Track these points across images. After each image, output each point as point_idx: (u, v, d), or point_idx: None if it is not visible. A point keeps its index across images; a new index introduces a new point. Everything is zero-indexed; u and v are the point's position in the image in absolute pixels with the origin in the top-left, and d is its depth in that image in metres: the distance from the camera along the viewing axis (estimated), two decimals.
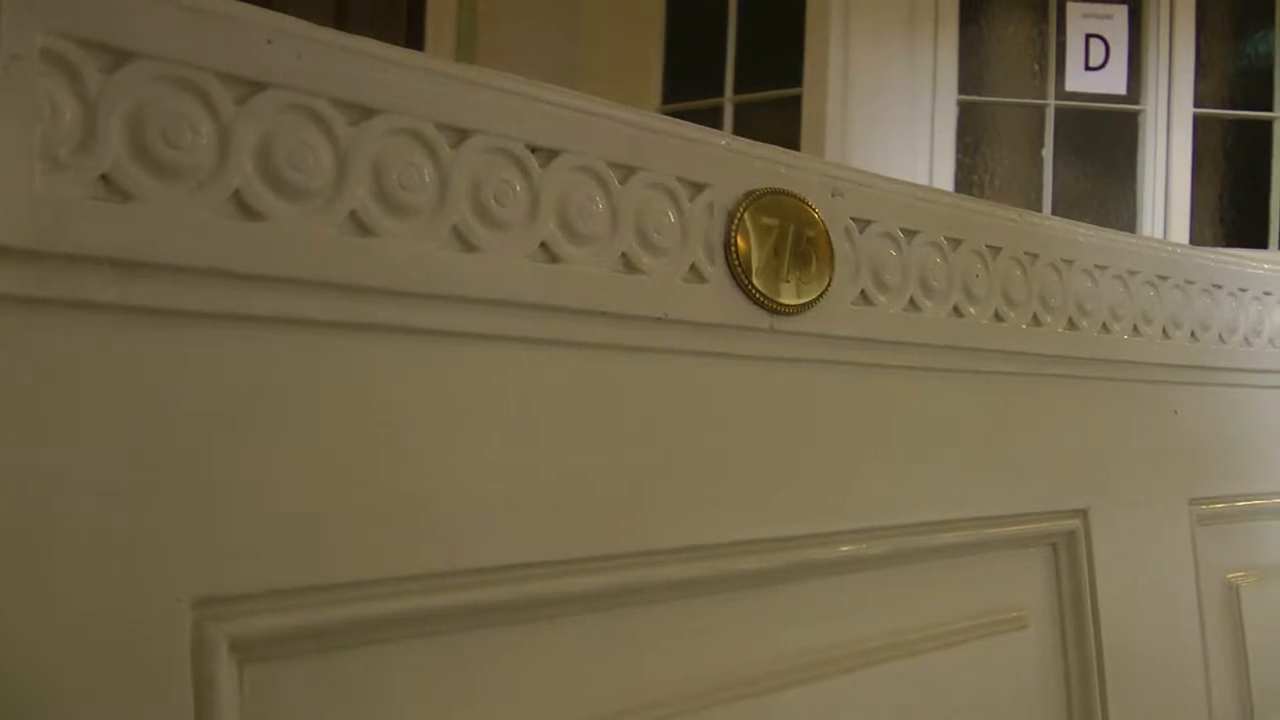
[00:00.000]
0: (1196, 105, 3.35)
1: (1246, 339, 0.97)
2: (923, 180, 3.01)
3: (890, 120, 3.19)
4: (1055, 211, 3.23)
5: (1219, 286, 0.94)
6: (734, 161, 0.61)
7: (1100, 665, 0.80)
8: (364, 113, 0.46)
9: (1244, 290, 0.97)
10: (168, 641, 0.40)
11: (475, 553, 0.49)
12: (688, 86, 3.52)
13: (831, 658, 0.66)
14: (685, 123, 0.59)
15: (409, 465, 0.48)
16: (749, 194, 0.61)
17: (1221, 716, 0.91)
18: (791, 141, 3.18)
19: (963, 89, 3.25)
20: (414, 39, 3.61)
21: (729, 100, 3.44)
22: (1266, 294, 0.99)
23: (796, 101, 3.27)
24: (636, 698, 0.57)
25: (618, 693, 0.56)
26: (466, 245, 0.49)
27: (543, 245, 0.52)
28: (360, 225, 0.46)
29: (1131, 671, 0.82)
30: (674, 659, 0.59)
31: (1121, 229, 1.03)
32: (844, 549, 0.66)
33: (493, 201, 0.50)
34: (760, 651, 0.63)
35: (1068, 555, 0.81)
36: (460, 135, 0.49)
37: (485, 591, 0.50)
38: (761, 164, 0.62)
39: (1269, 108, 3.46)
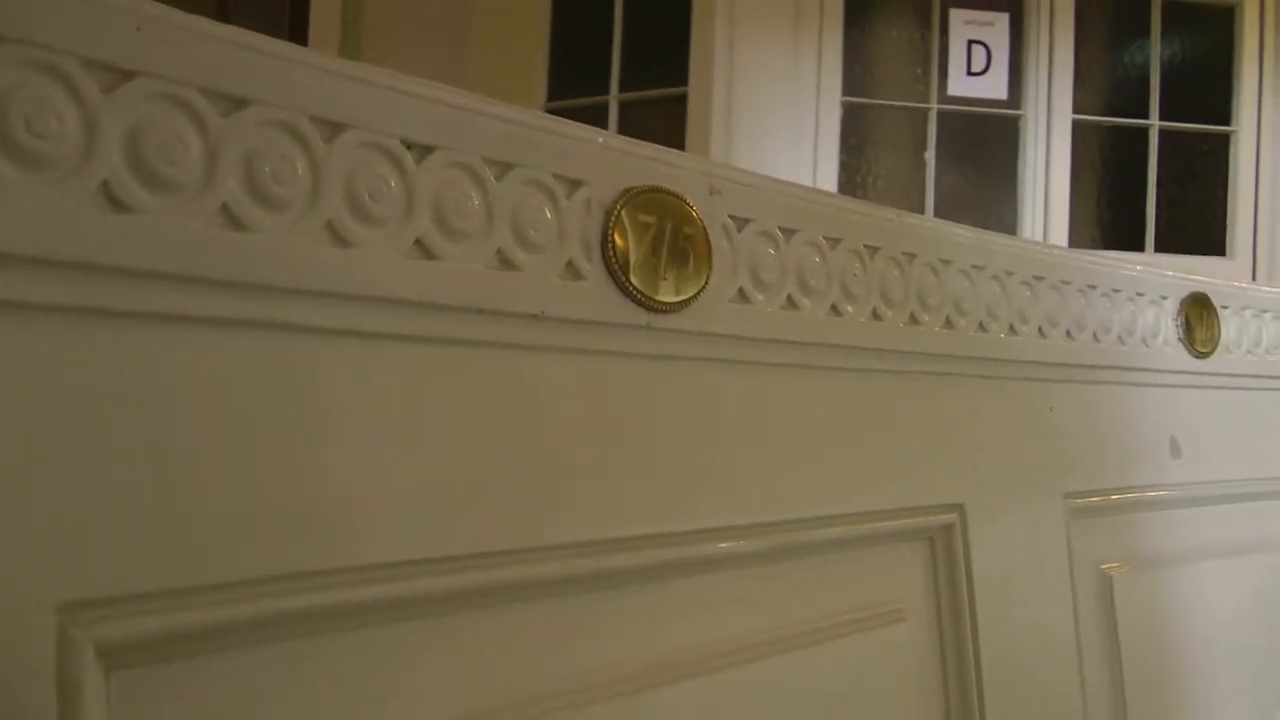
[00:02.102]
0: (1075, 112, 3.49)
1: (1120, 338, 1.01)
2: (807, 180, 3.07)
3: (775, 120, 3.24)
4: (937, 213, 3.32)
5: (1093, 287, 0.98)
6: (612, 159, 0.62)
7: (976, 655, 0.83)
8: (236, 104, 0.46)
9: (1118, 291, 1.01)
10: (31, 647, 0.40)
11: (350, 551, 0.50)
12: (574, 84, 3.54)
13: (711, 654, 0.67)
14: (563, 120, 0.60)
15: (281, 464, 0.48)
16: (627, 191, 0.62)
17: (1095, 703, 0.95)
18: (677, 140, 3.22)
19: (847, 91, 3.32)
20: (297, 35, 3.57)
21: (614, 98, 3.47)
22: (1139, 295, 1.04)
23: (682, 100, 3.30)
24: (515, 694, 0.58)
25: (496, 690, 0.57)
26: (340, 241, 0.49)
27: (418, 242, 0.53)
28: (231, 219, 0.46)
29: (1007, 660, 0.86)
30: (554, 656, 0.60)
31: (1002, 231, 1.07)
32: (722, 545, 0.68)
33: (367, 197, 0.50)
34: (641, 648, 0.64)
35: (944, 549, 0.84)
36: (334, 129, 0.49)
37: (359, 590, 0.50)
38: (640, 162, 0.64)
39: (1145, 115, 3.61)
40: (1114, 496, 1.01)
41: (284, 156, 0.47)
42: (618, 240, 0.61)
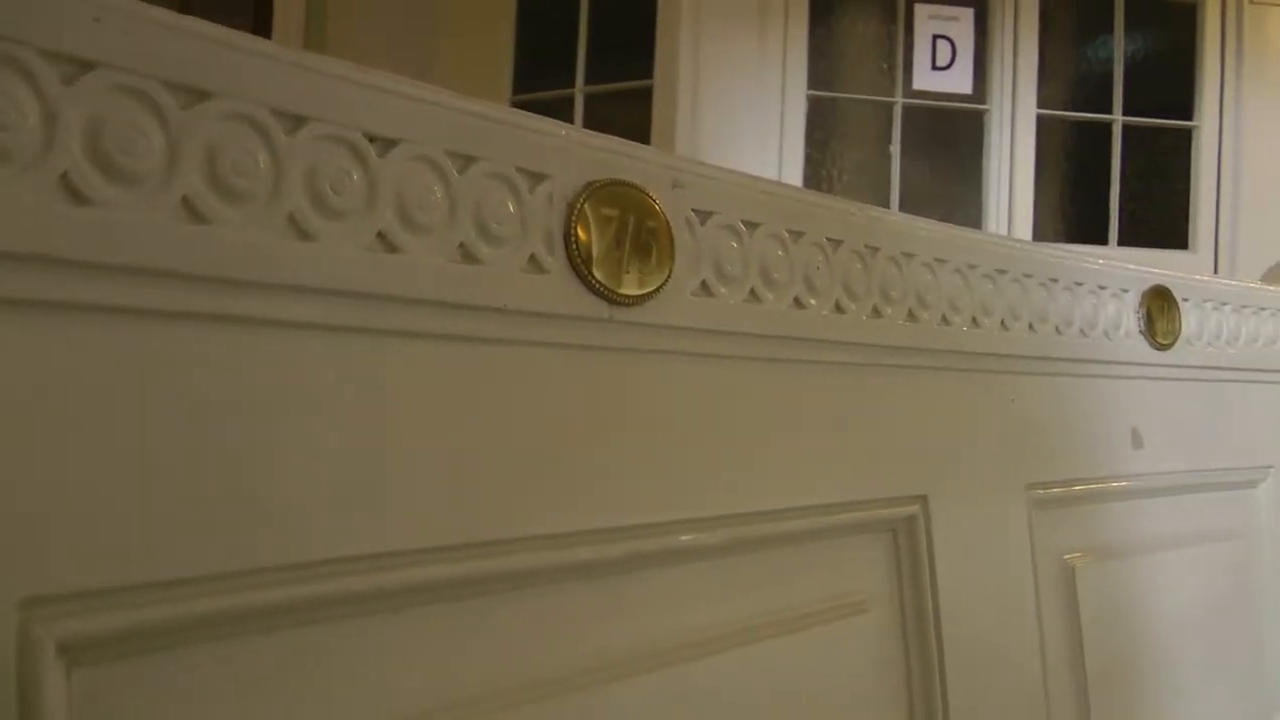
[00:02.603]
0: (1039, 107, 3.52)
1: (1082, 331, 1.03)
2: (772, 174, 3.08)
3: (741, 114, 3.26)
4: (903, 207, 3.34)
5: (1056, 280, 1.00)
6: (575, 152, 0.62)
7: (939, 646, 0.84)
8: (197, 96, 0.46)
9: (1080, 284, 1.03)
10: None
11: (312, 546, 0.50)
12: (540, 77, 3.54)
13: (673, 647, 0.68)
14: (526, 113, 0.61)
15: (244, 458, 0.48)
16: (589, 185, 0.62)
17: (1057, 692, 0.97)
18: (643, 134, 3.23)
19: (812, 85, 3.35)
20: (261, 28, 3.55)
21: (580, 91, 3.47)
22: (1101, 288, 1.05)
23: (648, 94, 3.31)
24: (478, 689, 0.58)
25: (457, 685, 0.57)
26: (302, 234, 0.50)
27: (380, 235, 0.53)
28: (193, 212, 0.46)
29: (970, 650, 0.87)
30: (515, 650, 0.60)
31: (967, 225, 1.08)
32: (684, 538, 0.69)
33: (329, 190, 0.50)
34: (602, 641, 0.65)
35: (907, 540, 0.85)
36: (296, 122, 0.49)
37: (323, 585, 0.51)
38: (602, 155, 0.64)
39: (1108, 110, 3.65)
40: (1076, 487, 1.03)
41: (246, 149, 0.47)
42: (580, 233, 0.62)
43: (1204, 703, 1.14)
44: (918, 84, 3.47)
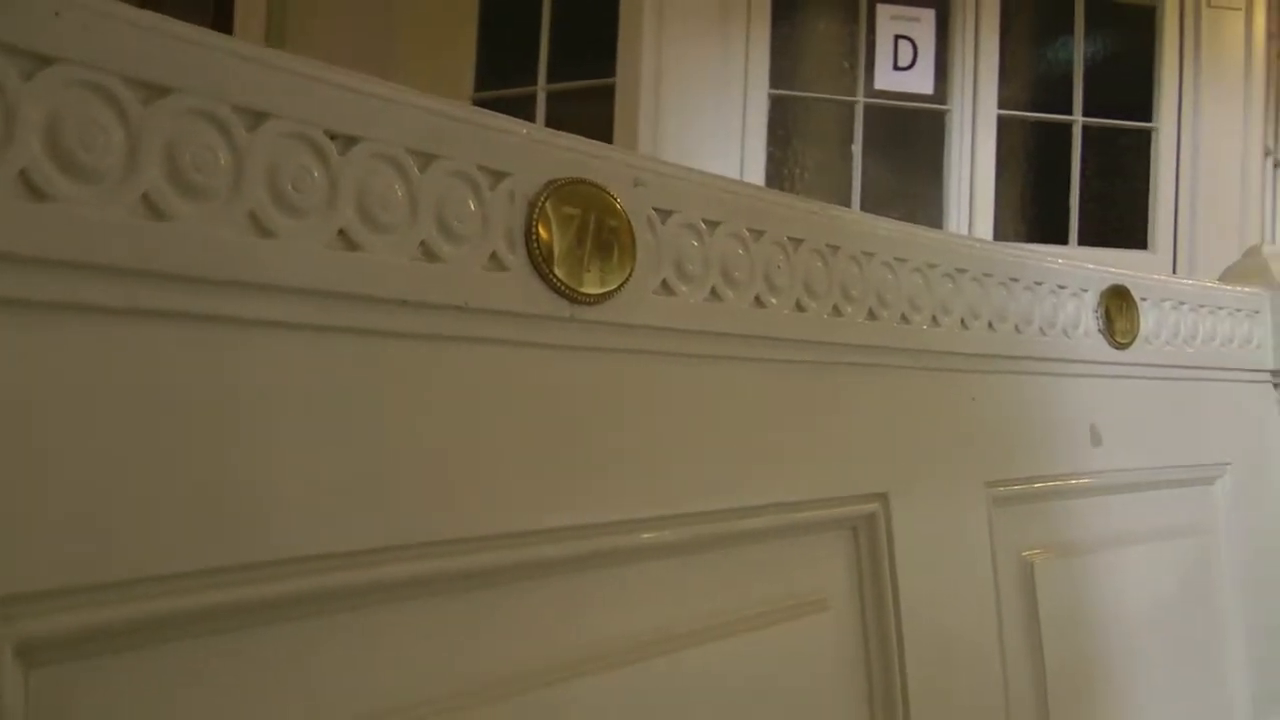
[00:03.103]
0: (1000, 107, 3.56)
1: (1041, 329, 1.04)
2: (734, 173, 3.10)
3: (703, 112, 3.27)
4: (864, 206, 3.37)
5: (1015, 280, 1.01)
6: (536, 150, 0.63)
7: (900, 643, 0.85)
8: (157, 92, 0.46)
9: (1040, 284, 1.04)
10: None
11: (273, 545, 0.50)
12: (502, 74, 3.54)
13: (633, 645, 0.69)
14: (487, 111, 0.61)
15: (203, 456, 0.48)
16: (550, 183, 0.63)
17: (1017, 688, 0.98)
18: (605, 132, 3.23)
19: (774, 84, 3.36)
20: (222, 24, 3.53)
21: (542, 89, 3.48)
22: (1061, 287, 1.07)
23: (610, 92, 3.32)
24: (430, 690, 0.58)
25: (419, 684, 0.58)
26: (263, 231, 0.50)
27: (341, 233, 0.53)
28: (153, 208, 0.46)
29: (930, 647, 0.88)
30: (476, 648, 0.61)
31: (928, 224, 1.09)
32: (645, 536, 0.69)
33: (290, 187, 0.51)
34: (562, 640, 0.65)
35: (868, 538, 0.86)
36: (257, 118, 0.49)
37: (283, 585, 0.51)
38: (563, 153, 0.65)
39: (1068, 111, 3.69)
40: (1036, 484, 1.04)
41: (206, 145, 0.48)
42: (541, 232, 0.62)
43: (1163, 697, 1.16)
44: (879, 84, 3.50)
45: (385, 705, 0.56)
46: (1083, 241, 3.65)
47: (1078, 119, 3.71)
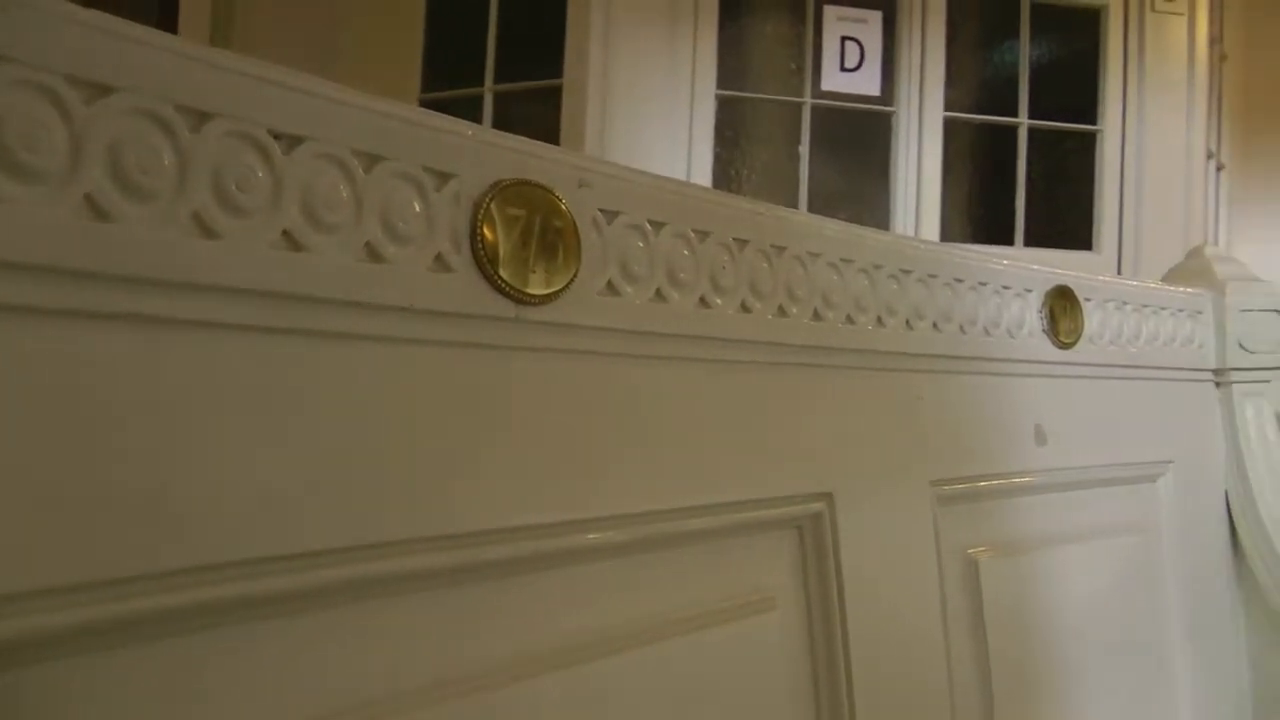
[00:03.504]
0: (947, 109, 3.60)
1: (986, 330, 1.06)
2: (681, 173, 3.12)
3: (650, 113, 3.28)
4: (811, 207, 3.39)
5: (960, 280, 1.03)
6: (481, 152, 0.63)
7: (845, 641, 0.86)
8: (100, 91, 0.46)
9: (984, 284, 1.06)
10: None
11: (212, 549, 0.50)
12: (448, 75, 3.54)
13: (581, 645, 0.69)
14: (432, 112, 0.62)
15: (143, 459, 0.48)
16: (495, 184, 0.63)
17: (962, 686, 1.00)
18: (552, 133, 3.24)
19: (722, 84, 3.38)
20: (167, 23, 3.49)
21: (489, 90, 3.48)
22: (1005, 288, 1.09)
23: (557, 93, 3.33)
24: (383, 690, 0.59)
25: (363, 686, 0.58)
26: (207, 232, 0.50)
27: (286, 233, 0.53)
28: (96, 209, 0.46)
29: (876, 645, 0.89)
30: (420, 650, 0.61)
31: (875, 225, 1.10)
32: (591, 537, 0.70)
33: (234, 187, 0.51)
34: (508, 641, 0.66)
35: (813, 538, 0.87)
36: (201, 118, 0.50)
37: (227, 588, 0.51)
38: (508, 155, 0.65)
39: (1014, 114, 3.74)
40: (981, 483, 1.06)
41: (150, 146, 0.48)
42: (487, 233, 0.63)
43: (1107, 693, 1.18)
44: (826, 85, 3.53)
45: (337, 706, 0.57)
46: (1028, 243, 3.70)
47: (1023, 121, 3.76)
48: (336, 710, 0.57)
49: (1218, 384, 1.41)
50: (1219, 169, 4.71)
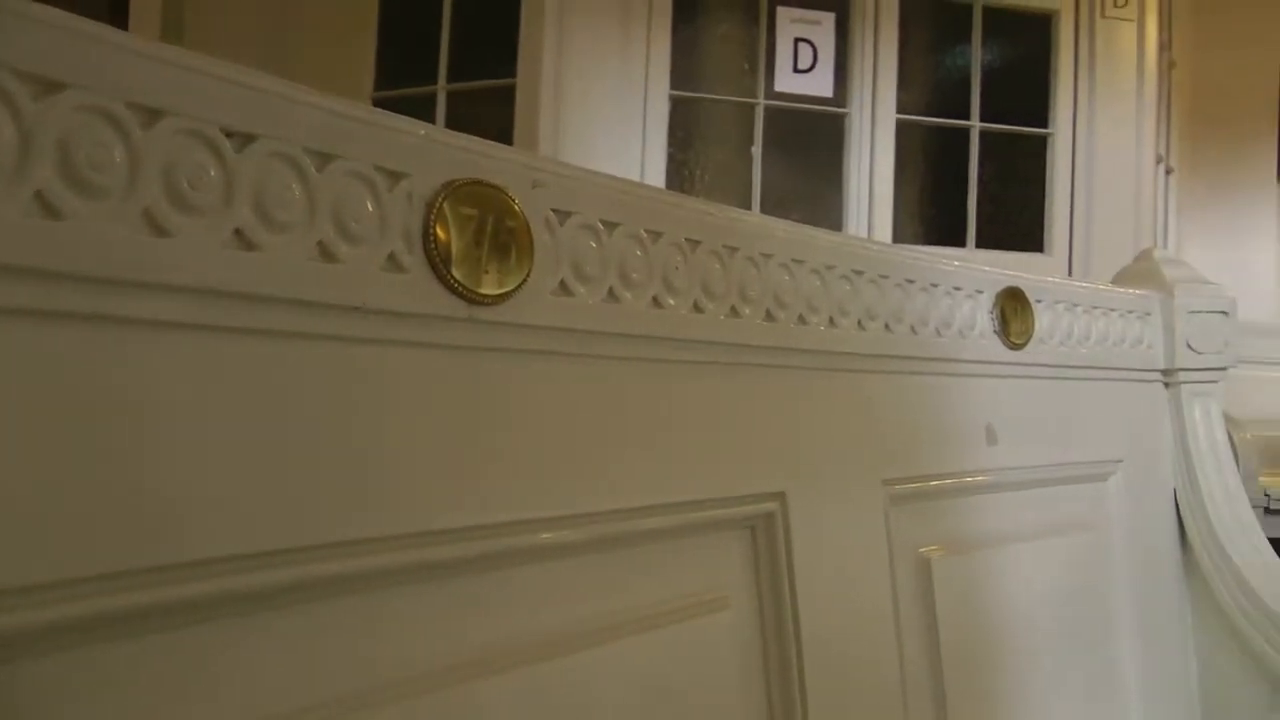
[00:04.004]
0: (899, 111, 3.63)
1: (938, 330, 1.07)
2: (635, 174, 3.13)
3: (604, 113, 3.29)
4: (764, 208, 3.42)
5: (912, 281, 1.04)
6: (433, 151, 0.64)
7: (798, 639, 0.87)
8: (51, 87, 0.46)
9: (936, 285, 1.07)
10: None
11: (163, 549, 0.50)
12: (401, 74, 3.54)
13: (535, 644, 0.70)
14: (385, 112, 0.62)
15: (95, 458, 0.48)
16: (448, 184, 0.64)
17: (914, 680, 1.01)
18: (506, 132, 3.24)
19: (675, 85, 3.40)
20: (118, 19, 3.46)
21: (443, 89, 3.48)
22: (956, 289, 1.10)
23: (511, 92, 3.33)
24: (341, 689, 0.59)
25: (322, 685, 0.58)
26: (159, 230, 0.50)
27: (238, 232, 0.53)
28: (47, 207, 0.46)
29: (828, 643, 0.90)
30: (377, 649, 0.61)
31: (828, 226, 1.11)
32: (545, 536, 0.70)
33: (186, 185, 0.51)
34: (463, 639, 0.66)
35: (766, 537, 0.87)
36: (153, 115, 0.49)
37: (184, 588, 0.51)
38: (461, 154, 0.65)
39: (966, 116, 3.78)
40: (932, 482, 1.07)
41: (101, 142, 0.48)
42: (439, 233, 0.63)
43: (1057, 688, 1.20)
44: (779, 86, 3.55)
45: (288, 707, 0.57)
46: (980, 244, 3.74)
47: (975, 124, 3.80)
48: (301, 708, 0.57)
49: (1166, 384, 1.43)
50: (1168, 173, 4.78)
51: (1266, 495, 3.70)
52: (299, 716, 0.57)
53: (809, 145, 3.61)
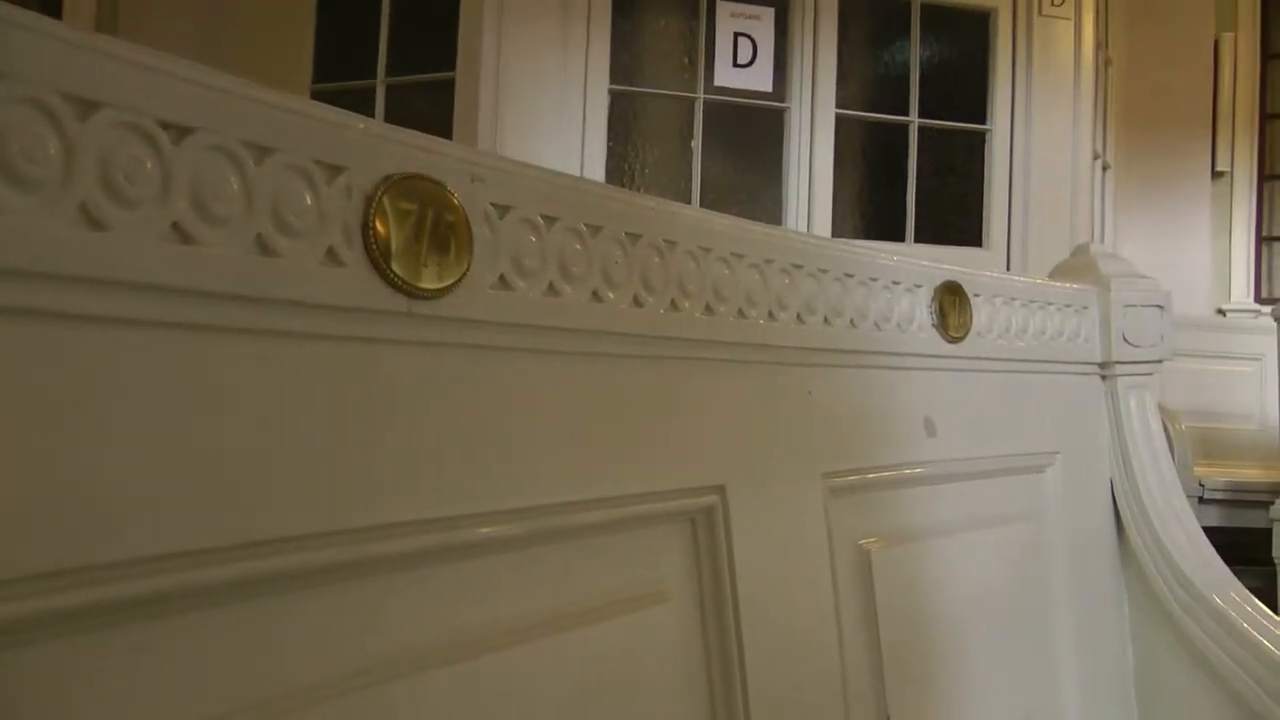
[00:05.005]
0: (839, 106, 3.67)
1: (876, 324, 1.09)
2: (575, 168, 3.14)
3: (543, 108, 3.30)
4: (704, 202, 3.44)
5: (851, 275, 1.05)
6: (372, 145, 0.64)
7: (738, 631, 0.88)
8: None
9: (874, 279, 1.09)
10: None
11: (93, 549, 0.50)
12: (340, 67, 3.53)
13: (476, 639, 0.70)
14: (323, 105, 0.62)
15: (27, 456, 0.48)
16: (387, 178, 0.64)
17: (854, 671, 1.02)
18: (445, 127, 3.24)
19: (615, 79, 3.41)
20: (51, 9, 3.41)
21: (382, 82, 3.47)
22: (895, 283, 1.11)
23: (450, 86, 3.33)
24: (280, 687, 0.59)
25: (259, 684, 0.58)
26: (94, 223, 0.50)
27: (175, 226, 0.53)
28: None
29: (768, 634, 0.91)
30: (315, 646, 0.61)
31: (767, 220, 1.13)
32: (484, 530, 0.71)
33: (122, 178, 0.50)
34: (404, 636, 0.66)
35: (706, 530, 0.88)
36: (88, 108, 0.49)
37: (111, 589, 0.51)
38: (400, 148, 0.66)
39: (905, 112, 3.82)
40: (872, 475, 1.09)
41: (35, 135, 0.47)
42: (379, 227, 0.63)
43: (996, 674, 1.22)
44: (719, 80, 3.58)
45: (229, 706, 0.57)
46: (919, 239, 3.79)
47: (914, 120, 3.84)
48: (229, 711, 0.57)
49: (1103, 376, 1.46)
50: (1105, 169, 4.86)
51: (1201, 485, 3.78)
52: (231, 718, 0.57)
53: (748, 140, 3.64)
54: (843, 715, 0.98)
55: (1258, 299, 5.41)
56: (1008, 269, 3.78)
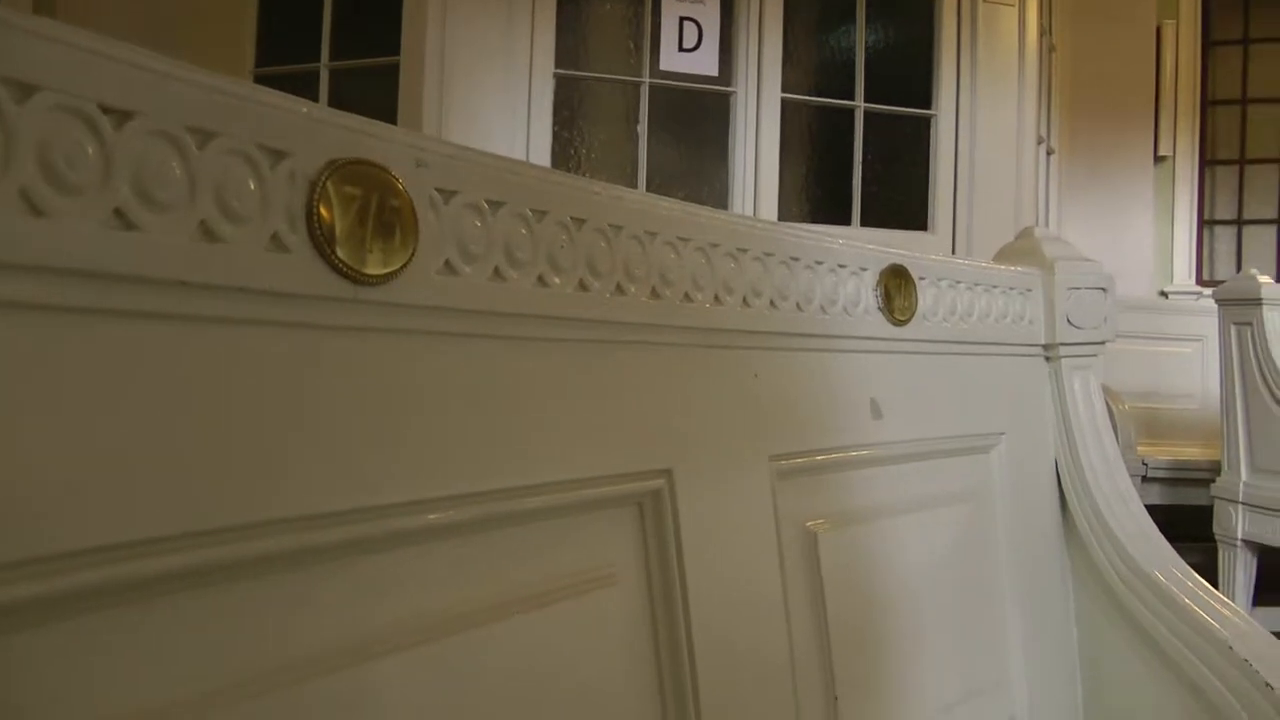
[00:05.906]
0: (784, 91, 3.68)
1: (822, 307, 1.09)
2: (520, 153, 3.13)
3: (488, 92, 3.29)
4: (650, 186, 3.45)
5: (796, 259, 1.06)
6: (316, 130, 0.64)
7: (686, 614, 0.89)
8: None
9: (820, 263, 1.09)
10: None
11: (38, 540, 0.50)
12: (283, 51, 3.50)
13: (425, 625, 0.71)
14: (266, 89, 0.62)
15: None
16: (331, 163, 0.64)
17: (802, 651, 1.03)
18: (390, 111, 3.23)
19: (560, 63, 3.41)
20: None
21: (325, 66, 3.45)
22: (841, 266, 1.12)
23: (395, 71, 3.31)
24: (231, 676, 0.59)
25: (209, 673, 0.58)
26: (35, 210, 0.49)
27: (117, 212, 0.53)
28: None
29: (716, 618, 0.92)
30: (266, 634, 0.61)
31: (713, 204, 1.13)
32: (432, 517, 0.71)
33: (62, 163, 0.50)
34: (353, 622, 0.66)
35: (653, 513, 0.89)
36: (26, 91, 0.49)
37: (55, 581, 0.50)
38: (344, 133, 0.66)
39: (850, 97, 3.84)
40: (818, 457, 1.10)
41: None
42: (323, 212, 0.63)
43: (942, 654, 1.24)
44: (664, 65, 3.59)
45: (174, 698, 0.56)
46: (865, 223, 3.82)
47: (860, 104, 3.87)
48: (174, 702, 0.56)
49: (1048, 358, 1.48)
50: (1049, 154, 4.91)
51: (1144, 464, 3.85)
52: (181, 707, 0.57)
53: (694, 124, 3.65)
54: (791, 695, 0.99)
55: (1199, 281, 5.50)
56: (953, 252, 3.82)
